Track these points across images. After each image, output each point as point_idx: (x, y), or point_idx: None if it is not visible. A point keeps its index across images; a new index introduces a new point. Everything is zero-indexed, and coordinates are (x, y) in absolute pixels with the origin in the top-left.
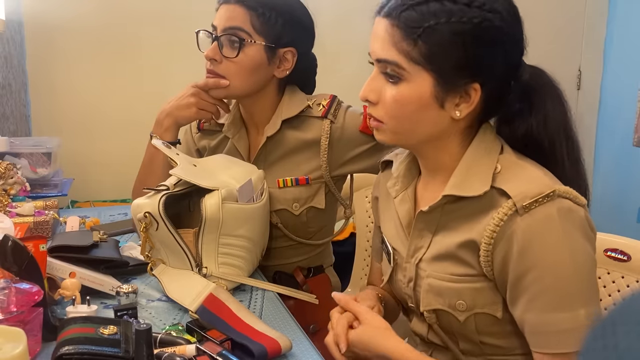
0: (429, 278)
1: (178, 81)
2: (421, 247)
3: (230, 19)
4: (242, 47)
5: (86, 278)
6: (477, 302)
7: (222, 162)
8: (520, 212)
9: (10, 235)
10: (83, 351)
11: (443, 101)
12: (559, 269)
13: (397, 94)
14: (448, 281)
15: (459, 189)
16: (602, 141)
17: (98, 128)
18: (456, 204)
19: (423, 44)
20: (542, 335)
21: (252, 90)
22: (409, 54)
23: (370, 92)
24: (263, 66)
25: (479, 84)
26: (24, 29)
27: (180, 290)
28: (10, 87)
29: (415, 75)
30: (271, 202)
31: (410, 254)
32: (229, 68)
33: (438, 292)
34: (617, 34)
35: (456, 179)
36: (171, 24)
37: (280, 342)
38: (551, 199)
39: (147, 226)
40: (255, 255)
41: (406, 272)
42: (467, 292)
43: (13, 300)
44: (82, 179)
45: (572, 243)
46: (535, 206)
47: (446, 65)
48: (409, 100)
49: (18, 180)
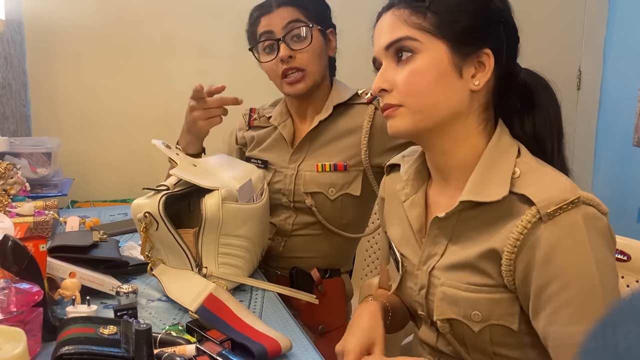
0: (443, 286)
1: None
2: (435, 254)
3: (285, 18)
4: (309, 34)
5: (86, 278)
6: (493, 314)
7: (222, 162)
8: (545, 219)
9: (10, 235)
10: (83, 351)
11: (461, 69)
12: (585, 279)
13: (412, 68)
14: (465, 290)
15: (477, 194)
16: (602, 141)
17: (98, 128)
18: (474, 211)
19: (432, 14)
20: (567, 348)
21: (323, 73)
22: (420, 25)
23: (384, 82)
24: (323, 48)
25: (489, 49)
26: (24, 29)
27: (180, 290)
28: (10, 87)
29: (429, 45)
30: (307, 184)
31: (422, 261)
32: (303, 58)
33: (453, 301)
34: (617, 34)
35: (473, 183)
36: (171, 24)
37: (280, 342)
38: (576, 205)
39: (147, 226)
40: (255, 255)
41: (417, 280)
42: (483, 303)
43: (13, 300)
44: (82, 179)
45: (597, 252)
46: (559, 213)
47: (458, 30)
48: (427, 70)
49: (18, 180)
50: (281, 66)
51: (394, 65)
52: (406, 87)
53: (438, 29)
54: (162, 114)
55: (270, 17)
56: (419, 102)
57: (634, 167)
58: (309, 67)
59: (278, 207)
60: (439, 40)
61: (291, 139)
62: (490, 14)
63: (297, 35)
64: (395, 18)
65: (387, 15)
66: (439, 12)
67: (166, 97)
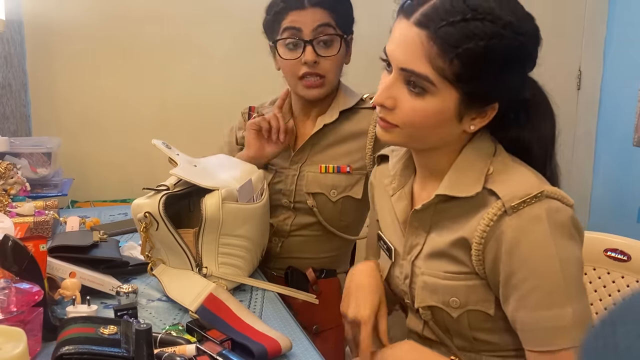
0: (423, 275)
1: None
2: (417, 244)
3: (316, 20)
4: (337, 43)
5: (86, 278)
6: (470, 299)
7: (223, 162)
8: (509, 212)
9: (11, 235)
10: (83, 351)
11: (462, 116)
12: (546, 268)
13: (420, 106)
14: (442, 279)
15: (452, 189)
16: (602, 141)
17: (98, 128)
18: (449, 204)
19: (458, 62)
20: (532, 332)
21: (337, 81)
22: (443, 71)
23: (387, 99)
24: (343, 56)
25: (498, 103)
26: (24, 29)
27: (180, 290)
28: (10, 87)
29: (442, 91)
30: (309, 184)
31: (406, 252)
32: (327, 66)
33: (433, 289)
34: (617, 34)
35: (450, 180)
36: (171, 24)
37: (280, 342)
38: (539, 199)
39: (147, 226)
40: (255, 255)
41: (403, 269)
42: (460, 290)
43: (13, 300)
44: (82, 179)
45: (559, 244)
46: (523, 207)
47: (477, 85)
48: (431, 113)
49: (18, 180)
50: (303, 68)
51: (403, 86)
52: (405, 119)
53: (458, 78)
54: (162, 114)
55: (301, 14)
56: (414, 132)
57: (634, 167)
58: (329, 75)
59: (277, 207)
60: (453, 88)
61: (293, 139)
62: (514, 72)
63: (325, 41)
64: (421, 47)
65: (415, 32)
66: (465, 63)
67: (166, 97)
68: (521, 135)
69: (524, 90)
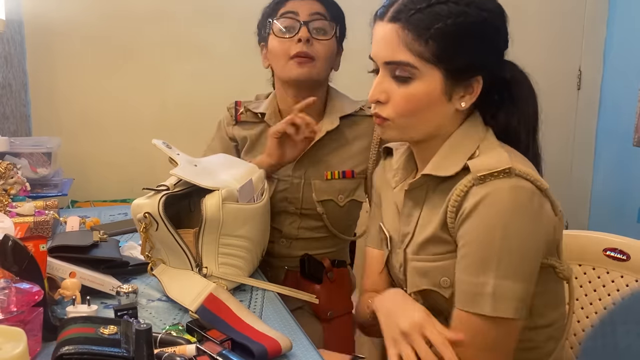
0: (413, 262)
1: (178, 81)
2: (408, 233)
3: (312, 8)
4: (330, 31)
5: (86, 278)
6: None
7: (223, 162)
8: (476, 182)
9: (11, 235)
10: (83, 351)
11: (451, 94)
12: (484, 238)
13: (408, 92)
14: (432, 261)
15: (436, 170)
16: (602, 141)
17: (98, 128)
18: (437, 186)
19: (433, 43)
20: (457, 291)
21: (326, 74)
22: (421, 53)
23: (381, 94)
24: (334, 53)
25: (481, 76)
26: (24, 29)
27: (181, 290)
28: (10, 87)
29: (426, 73)
30: (317, 193)
31: (400, 240)
32: (319, 49)
33: (423, 273)
34: (617, 34)
35: (435, 161)
36: (171, 24)
37: (280, 342)
38: (507, 175)
39: (147, 226)
40: (255, 256)
41: (398, 257)
42: (449, 268)
43: (13, 300)
44: (82, 179)
45: (511, 218)
46: (490, 179)
47: (455, 61)
48: (420, 97)
49: (18, 180)
50: (296, 47)
51: (391, 79)
52: (397, 109)
53: (437, 58)
54: (162, 114)
55: (298, 3)
56: (406, 122)
57: (634, 167)
58: (319, 61)
59: (282, 213)
60: (436, 68)
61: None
62: (487, 46)
63: (319, 28)
64: (397, 38)
65: (390, 27)
66: (440, 42)
67: (166, 97)
68: (511, 121)
69: (503, 67)
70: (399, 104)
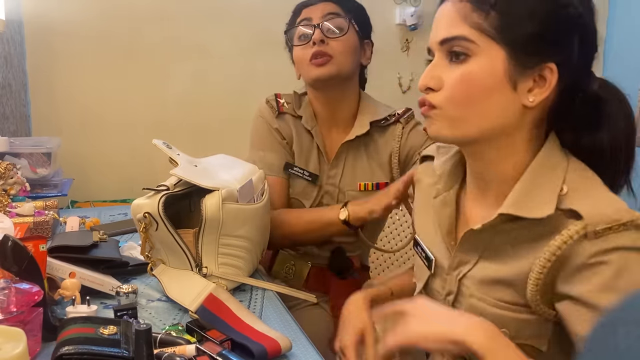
0: (472, 298)
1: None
2: (467, 262)
3: (325, 10)
4: (345, 27)
5: (86, 278)
6: (521, 334)
7: (223, 162)
8: (590, 236)
9: (10, 235)
10: (83, 351)
11: (516, 82)
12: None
13: (464, 71)
14: (493, 306)
15: (519, 209)
16: None
17: (98, 128)
18: (511, 224)
19: (496, 14)
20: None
21: (350, 71)
22: (480, 25)
23: (431, 79)
24: (357, 48)
25: (555, 63)
26: (24, 29)
27: (180, 290)
28: (10, 87)
29: (486, 49)
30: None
31: (452, 267)
32: (335, 47)
33: (481, 314)
34: (617, 34)
35: (516, 197)
36: (171, 25)
37: (280, 342)
38: (627, 229)
39: (146, 226)
40: (255, 256)
41: (445, 285)
42: (512, 322)
43: (13, 300)
44: (82, 179)
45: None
46: (608, 233)
47: (521, 36)
48: (478, 77)
49: (18, 180)
50: (312, 49)
51: (447, 63)
52: (450, 94)
53: (499, 31)
54: (162, 114)
55: (312, 8)
56: (457, 111)
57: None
58: (338, 57)
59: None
60: (498, 45)
61: (324, 148)
62: (564, 22)
63: (334, 26)
64: (455, 12)
65: (448, 5)
66: (504, 13)
67: (166, 98)
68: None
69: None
70: (453, 87)
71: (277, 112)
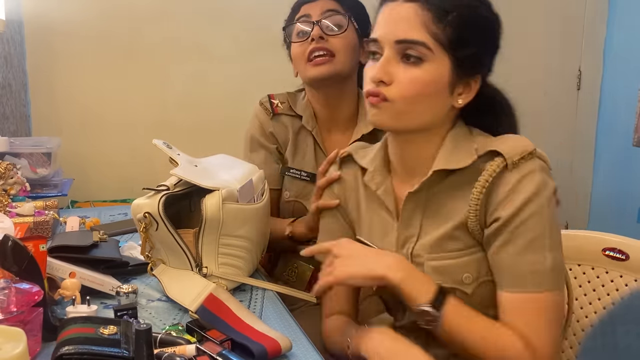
0: (429, 261)
1: (178, 82)
2: (411, 235)
3: (324, 7)
4: (344, 24)
5: (86, 278)
6: (481, 272)
7: (223, 162)
8: (510, 167)
9: (10, 235)
10: (83, 351)
11: (453, 88)
12: (537, 217)
13: (417, 75)
14: (452, 258)
15: (448, 163)
16: (602, 141)
17: (98, 128)
18: (442, 184)
19: (451, 28)
20: (510, 274)
21: (349, 69)
22: (438, 36)
23: (385, 74)
24: (356, 46)
25: (480, 76)
26: (24, 29)
27: (180, 290)
28: (10, 87)
29: (438, 57)
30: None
31: (400, 245)
32: (335, 43)
33: (442, 271)
34: (617, 34)
35: (443, 156)
36: (172, 25)
37: (280, 342)
38: (532, 156)
39: (147, 226)
40: (255, 256)
41: None
42: (470, 264)
43: (13, 300)
44: (82, 179)
45: (546, 195)
46: (522, 162)
47: (466, 52)
48: (427, 82)
49: (18, 180)
50: (310, 46)
51: (398, 61)
52: (402, 91)
53: (451, 44)
54: (162, 114)
55: (311, 5)
56: (406, 108)
57: (634, 167)
58: (338, 55)
59: None
60: (447, 56)
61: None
62: (493, 45)
63: (333, 24)
64: (416, 16)
65: (407, 6)
66: (457, 29)
67: (166, 98)
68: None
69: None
70: (405, 87)
71: (272, 113)
